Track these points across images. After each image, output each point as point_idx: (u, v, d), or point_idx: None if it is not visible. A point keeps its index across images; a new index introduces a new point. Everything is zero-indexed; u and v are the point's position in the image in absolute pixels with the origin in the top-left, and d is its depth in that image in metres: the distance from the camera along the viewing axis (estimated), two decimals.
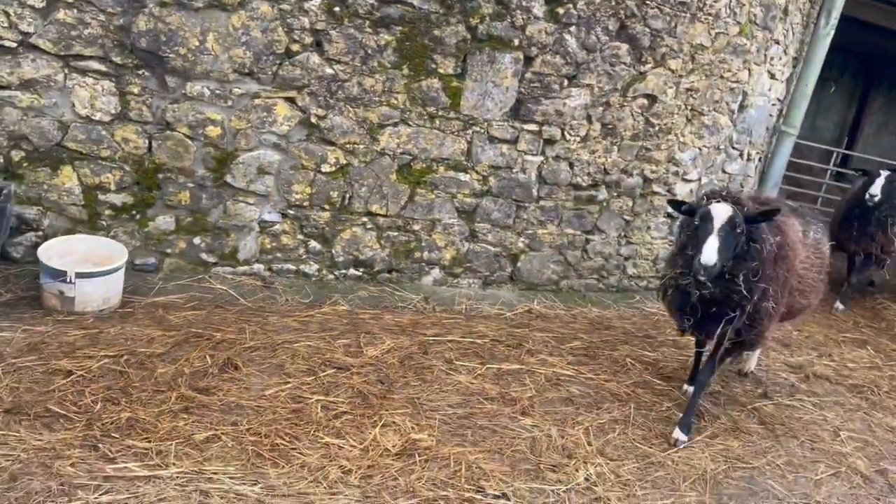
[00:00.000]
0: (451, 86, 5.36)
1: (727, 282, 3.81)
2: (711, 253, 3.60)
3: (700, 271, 3.61)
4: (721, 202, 3.78)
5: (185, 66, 4.76)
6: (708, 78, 6.22)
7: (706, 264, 3.57)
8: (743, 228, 3.72)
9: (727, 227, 3.67)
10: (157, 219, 5.03)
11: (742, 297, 3.84)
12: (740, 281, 3.79)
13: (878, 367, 5.99)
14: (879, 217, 7.10)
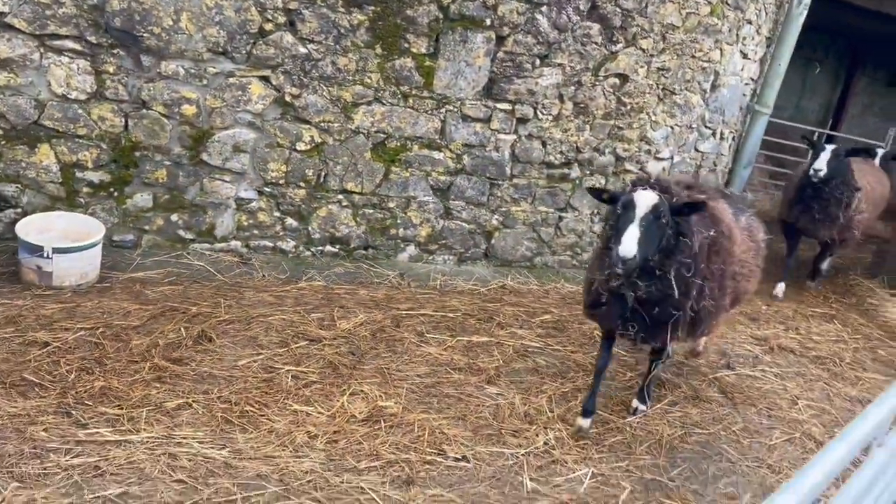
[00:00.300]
0: (424, 65, 5.45)
1: (659, 279, 3.47)
2: (630, 243, 3.22)
3: (618, 264, 3.25)
4: (646, 189, 3.42)
5: (160, 46, 4.83)
6: (679, 57, 6.31)
7: (624, 256, 3.21)
8: (668, 219, 3.38)
9: (650, 216, 3.31)
10: (135, 196, 5.13)
11: (679, 296, 3.52)
12: (672, 277, 3.46)
13: (844, 341, 6.15)
14: (834, 195, 6.43)
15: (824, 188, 6.38)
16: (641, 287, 3.48)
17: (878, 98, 18.34)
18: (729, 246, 3.81)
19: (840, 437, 1.66)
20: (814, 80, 17.55)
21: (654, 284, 3.48)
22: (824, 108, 18.01)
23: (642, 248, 3.27)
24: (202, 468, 3.19)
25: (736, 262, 3.93)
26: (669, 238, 3.43)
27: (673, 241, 3.45)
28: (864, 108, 18.23)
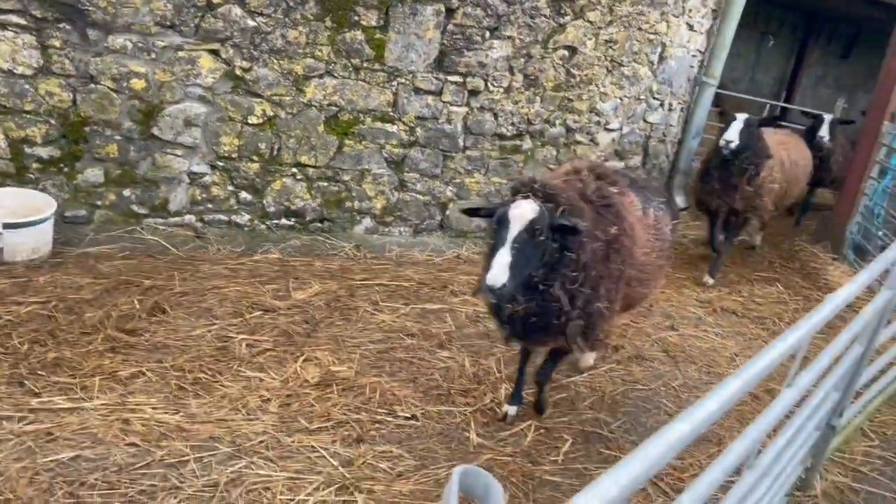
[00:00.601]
0: (375, 38, 5.50)
1: (541, 293, 3.14)
2: (499, 272, 2.84)
3: (488, 294, 2.90)
4: (527, 199, 3.02)
5: (106, 19, 4.82)
6: (626, 30, 6.45)
7: (492, 286, 2.83)
8: (548, 235, 3.00)
9: (525, 234, 2.93)
10: (86, 171, 5.13)
11: (564, 309, 3.20)
12: (556, 290, 3.14)
13: (784, 302, 6.41)
14: (742, 167, 6.05)
15: (732, 159, 5.99)
16: (521, 302, 3.14)
17: (831, 69, 18.75)
18: (630, 246, 3.50)
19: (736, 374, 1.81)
20: (768, 54, 17.90)
21: (535, 300, 3.14)
22: (778, 80, 18.39)
23: (515, 273, 2.89)
24: (155, 432, 3.28)
25: (636, 264, 3.60)
26: (553, 252, 3.07)
27: (557, 255, 3.09)
28: (817, 79, 18.64)
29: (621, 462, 1.25)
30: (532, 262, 3.02)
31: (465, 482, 1.07)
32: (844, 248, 8.18)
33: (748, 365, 1.88)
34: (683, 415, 1.55)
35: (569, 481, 3.46)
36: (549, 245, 3.04)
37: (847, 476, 3.92)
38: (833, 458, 4.04)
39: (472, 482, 1.06)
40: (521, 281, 3.00)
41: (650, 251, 3.73)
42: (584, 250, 3.17)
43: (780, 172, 6.57)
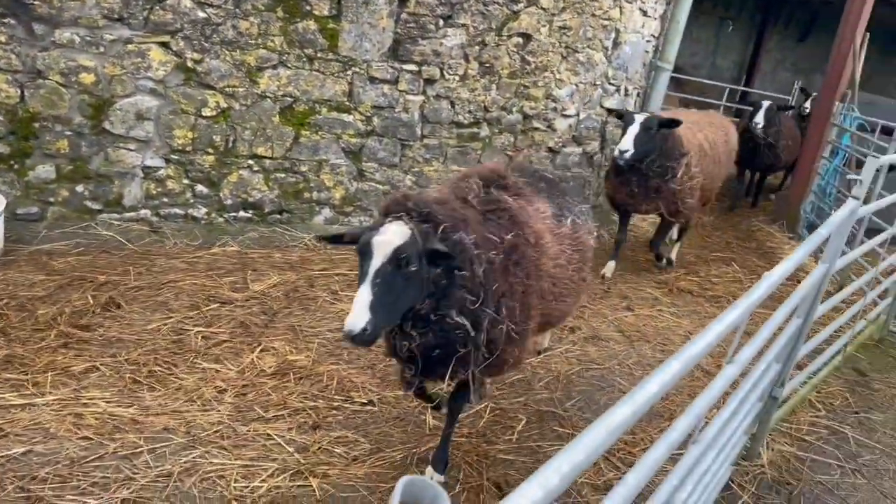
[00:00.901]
0: (328, 28, 5.50)
1: (436, 323, 2.68)
2: (358, 315, 2.40)
3: (346, 341, 2.43)
4: (398, 221, 2.56)
5: (52, 14, 4.75)
6: (580, 16, 6.52)
7: (349, 331, 2.38)
8: (420, 263, 2.51)
9: (390, 266, 2.46)
10: (37, 168, 5.06)
11: (466, 335, 2.75)
12: (454, 318, 2.68)
13: (740, 281, 6.55)
14: (652, 169, 5.58)
15: (638, 166, 5.52)
16: (416, 337, 2.70)
17: (789, 53, 19.06)
18: (536, 256, 3.07)
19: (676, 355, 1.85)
20: (727, 39, 18.15)
21: (430, 331, 2.70)
22: (738, 65, 18.65)
23: (381, 313, 2.45)
24: (108, 425, 3.28)
25: (548, 277, 3.18)
26: (438, 277, 2.61)
27: (444, 281, 2.63)
28: (776, 63, 18.95)
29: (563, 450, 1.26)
30: (406, 297, 2.55)
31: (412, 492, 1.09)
32: (799, 227, 8.38)
33: (687, 347, 1.94)
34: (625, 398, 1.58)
35: (522, 459, 3.53)
36: (427, 272, 2.56)
37: (793, 445, 4.05)
38: (780, 429, 4.17)
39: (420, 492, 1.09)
40: (391, 320, 2.58)
41: (566, 263, 3.32)
42: (478, 263, 2.72)
43: (698, 164, 5.93)
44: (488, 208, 2.99)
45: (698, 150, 5.98)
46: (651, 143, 5.44)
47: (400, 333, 2.73)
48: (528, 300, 3.01)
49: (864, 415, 4.55)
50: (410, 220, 2.57)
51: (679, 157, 5.66)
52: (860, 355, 5.40)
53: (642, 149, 5.39)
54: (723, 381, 2.24)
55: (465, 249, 2.67)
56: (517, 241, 2.96)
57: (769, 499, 3.58)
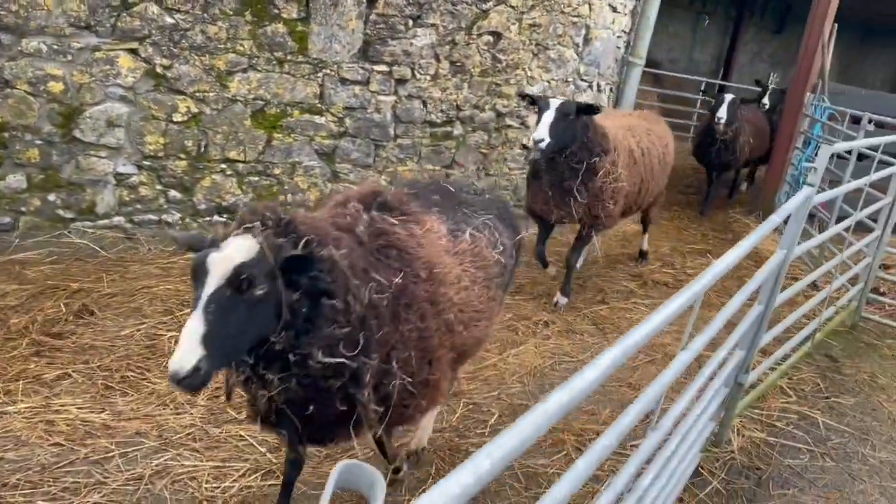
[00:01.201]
0: (297, 30, 5.51)
1: (298, 365, 2.17)
2: (186, 352, 1.94)
3: (172, 384, 1.97)
4: (246, 234, 2.12)
5: (18, 23, 4.74)
6: (549, 13, 6.57)
7: (175, 373, 1.93)
8: (272, 284, 2.06)
9: (229, 289, 2.00)
10: (8, 178, 5.04)
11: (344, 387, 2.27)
12: (320, 359, 2.17)
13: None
14: (569, 165, 4.91)
15: (557, 159, 4.89)
16: (274, 383, 2.19)
17: (766, 45, 19.26)
18: (430, 291, 2.62)
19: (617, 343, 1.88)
20: (704, 33, 18.31)
21: (292, 377, 2.18)
22: (716, 58, 18.82)
23: (219, 348, 1.99)
24: (80, 431, 3.29)
25: (449, 307, 2.73)
26: (296, 304, 2.13)
27: (305, 309, 2.15)
28: (753, 55, 19.13)
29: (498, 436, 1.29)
30: (252, 327, 2.06)
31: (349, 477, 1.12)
32: None
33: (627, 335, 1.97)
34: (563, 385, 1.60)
35: None
36: (283, 295, 2.09)
37: (763, 431, 4.12)
38: (750, 415, 4.23)
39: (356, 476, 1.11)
40: (232, 357, 2.11)
41: (471, 284, 2.92)
42: (354, 295, 2.23)
43: (626, 168, 5.30)
44: (376, 244, 2.51)
45: (627, 154, 5.39)
46: (570, 132, 4.76)
47: (256, 378, 2.21)
48: (427, 344, 2.59)
49: (834, 399, 4.62)
50: (264, 231, 2.13)
51: (602, 153, 5.01)
52: (832, 342, 5.48)
53: (560, 138, 4.68)
54: (676, 368, 2.28)
55: (336, 270, 2.19)
56: (406, 281, 2.50)
57: (739, 484, 3.63)
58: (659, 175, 5.94)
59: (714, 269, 2.33)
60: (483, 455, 1.22)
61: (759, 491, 3.61)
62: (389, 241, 2.55)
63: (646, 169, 5.63)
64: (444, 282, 2.73)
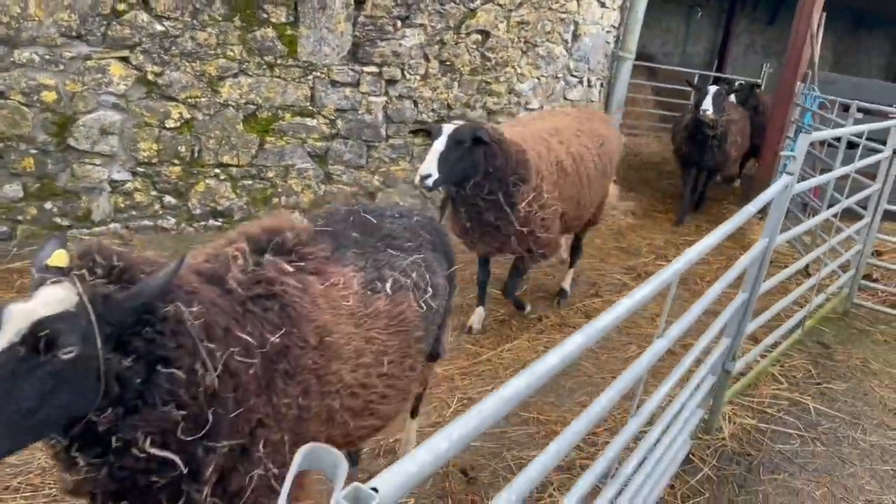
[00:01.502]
0: (286, 34, 5.57)
1: (118, 453, 1.65)
2: None
3: None
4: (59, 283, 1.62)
5: (10, 34, 4.80)
6: (537, 10, 6.62)
7: None
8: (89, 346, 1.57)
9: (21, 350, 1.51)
10: (4, 187, 5.10)
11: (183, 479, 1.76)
12: (146, 449, 1.64)
13: (708, 262, 6.67)
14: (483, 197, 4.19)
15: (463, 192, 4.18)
16: (82, 469, 1.66)
17: (758, 36, 19.27)
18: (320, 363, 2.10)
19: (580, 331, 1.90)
20: (697, 26, 18.33)
21: (105, 465, 1.66)
22: (709, 51, 18.84)
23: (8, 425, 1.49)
24: None
25: (336, 393, 2.17)
26: (127, 374, 1.63)
27: (138, 380, 1.64)
28: (746, 47, 19.15)
29: (459, 418, 1.33)
30: (55, 402, 1.54)
31: (313, 459, 1.16)
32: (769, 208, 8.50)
33: (592, 323, 2.00)
34: (524, 370, 1.64)
35: (488, 445, 3.63)
36: (109, 361, 1.61)
37: (754, 418, 4.16)
38: (741, 403, 4.28)
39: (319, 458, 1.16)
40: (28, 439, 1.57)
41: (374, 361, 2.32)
42: (204, 363, 1.73)
43: (556, 186, 4.57)
44: (252, 293, 1.98)
45: (555, 168, 4.59)
46: (467, 162, 4.00)
47: (64, 455, 1.68)
48: (304, 428, 2.06)
49: (825, 385, 4.67)
50: (88, 278, 1.66)
51: (519, 182, 4.22)
52: (824, 328, 5.53)
53: (454, 171, 3.96)
54: (650, 356, 2.34)
55: (181, 331, 1.70)
56: (288, 342, 1.99)
57: (730, 470, 3.68)
58: (597, 180, 5.09)
59: (687, 255, 2.38)
60: (442, 436, 1.27)
61: (750, 476, 3.66)
62: (272, 290, 2.02)
63: (581, 178, 4.83)
64: (337, 355, 2.16)
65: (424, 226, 2.84)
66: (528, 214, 4.34)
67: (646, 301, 2.07)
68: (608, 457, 2.25)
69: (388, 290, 2.41)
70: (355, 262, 2.40)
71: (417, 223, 2.81)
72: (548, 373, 1.57)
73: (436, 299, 2.63)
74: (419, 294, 2.54)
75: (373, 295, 2.36)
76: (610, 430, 3.83)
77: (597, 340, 1.87)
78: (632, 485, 2.73)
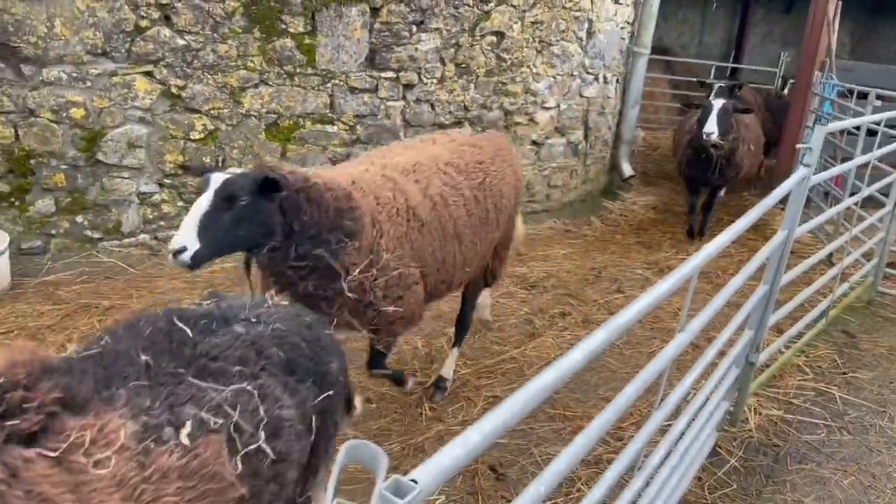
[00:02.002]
0: (304, 43, 5.67)
1: None
2: None
3: None
4: None
5: (38, 54, 4.95)
6: (551, 10, 6.66)
7: None
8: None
9: None
10: (37, 203, 5.26)
11: None
12: None
13: (730, 255, 6.67)
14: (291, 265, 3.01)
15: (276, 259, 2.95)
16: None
17: (776, 25, 19.09)
18: None
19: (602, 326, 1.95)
20: (713, 17, 18.20)
21: None
22: (726, 41, 18.71)
23: None
24: None
25: None
26: None
27: None
28: (763, 36, 18.98)
29: (489, 412, 1.39)
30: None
31: (355, 455, 1.23)
32: None
33: (613, 319, 2.05)
34: (551, 366, 1.70)
35: (516, 441, 3.69)
36: None
37: (780, 409, 4.18)
38: (767, 394, 4.30)
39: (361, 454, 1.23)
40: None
41: None
42: None
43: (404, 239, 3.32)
44: None
45: (405, 216, 3.34)
46: (252, 224, 2.80)
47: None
48: None
49: (851, 375, 4.67)
50: None
51: (344, 241, 3.03)
52: (849, 317, 5.52)
53: (228, 238, 2.79)
54: (672, 350, 2.38)
55: None
56: None
57: (757, 461, 3.71)
58: (477, 228, 3.74)
59: (706, 250, 2.42)
60: (474, 430, 1.33)
61: (777, 467, 3.68)
62: None
63: (445, 227, 3.53)
64: None
65: (285, 337, 2.10)
66: (364, 283, 3.12)
67: (665, 297, 2.12)
68: (634, 450, 2.30)
69: (182, 439, 1.67)
70: (132, 403, 1.66)
71: (275, 332, 2.08)
72: (573, 368, 1.63)
73: (278, 441, 1.89)
74: (241, 439, 1.79)
75: (155, 448, 1.61)
76: (635, 424, 3.88)
77: (619, 336, 1.92)
78: (658, 477, 2.78)
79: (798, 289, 5.04)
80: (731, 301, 5.48)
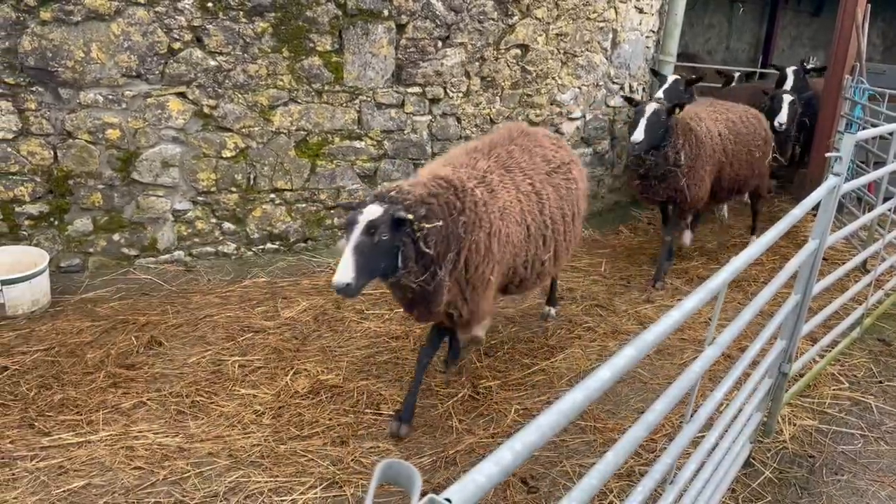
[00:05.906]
0: (332, 61, 5.77)
1: None
2: None
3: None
4: None
5: (76, 77, 5.11)
6: (575, 21, 6.69)
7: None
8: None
9: None
10: (75, 222, 5.41)
11: None
12: None
13: (761, 263, 6.60)
14: None
15: None
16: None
17: (804, 28, 18.88)
18: None
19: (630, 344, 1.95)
20: (740, 21, 18.06)
21: None
22: (753, 46, 18.53)
23: None
24: (158, 454, 3.54)
25: None
26: None
27: None
28: (792, 40, 18.79)
29: (519, 431, 1.43)
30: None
31: (390, 473, 1.26)
32: None
33: (642, 335, 2.05)
34: (579, 384, 1.72)
35: (546, 454, 3.70)
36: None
37: (815, 419, 4.13)
38: (801, 404, 4.25)
39: (397, 472, 1.26)
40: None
41: None
42: None
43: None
44: None
45: None
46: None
47: None
48: None
49: (887, 383, 4.60)
50: None
51: None
52: (885, 325, 5.43)
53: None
54: (701, 363, 2.38)
55: None
56: None
57: (791, 472, 3.67)
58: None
59: (734, 264, 2.42)
60: (506, 449, 1.36)
61: (813, 478, 3.64)
62: None
63: None
64: None
65: None
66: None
67: (693, 312, 2.12)
68: (666, 462, 2.30)
69: None
70: None
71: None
72: (601, 387, 1.64)
73: None
74: None
75: None
76: (668, 436, 3.86)
77: (648, 352, 1.93)
78: (691, 490, 2.77)
79: (832, 296, 4.98)
80: (763, 310, 5.43)
